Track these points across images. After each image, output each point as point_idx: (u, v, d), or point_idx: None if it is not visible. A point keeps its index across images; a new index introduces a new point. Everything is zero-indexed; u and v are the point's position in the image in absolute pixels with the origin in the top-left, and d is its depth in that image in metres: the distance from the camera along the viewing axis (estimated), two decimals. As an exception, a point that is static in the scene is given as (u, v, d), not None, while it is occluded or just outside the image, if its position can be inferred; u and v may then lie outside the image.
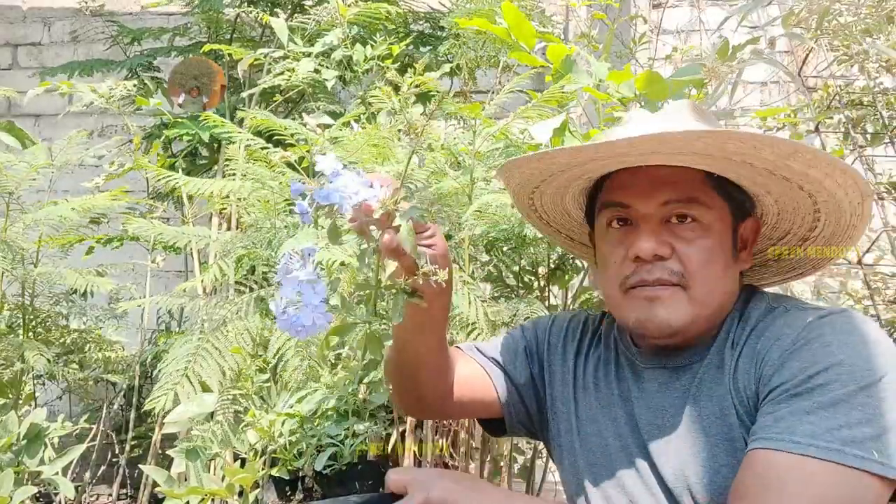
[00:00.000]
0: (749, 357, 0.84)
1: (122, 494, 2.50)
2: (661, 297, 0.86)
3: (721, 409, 0.85)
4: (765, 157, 0.82)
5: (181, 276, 3.03)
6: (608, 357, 1.00)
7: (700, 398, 0.88)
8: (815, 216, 0.91)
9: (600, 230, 0.95)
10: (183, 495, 1.25)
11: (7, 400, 1.89)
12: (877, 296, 1.79)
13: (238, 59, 2.12)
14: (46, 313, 2.16)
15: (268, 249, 1.58)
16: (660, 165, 0.87)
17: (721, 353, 0.88)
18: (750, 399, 0.83)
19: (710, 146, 0.81)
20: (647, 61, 2.41)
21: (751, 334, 0.86)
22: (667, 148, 0.83)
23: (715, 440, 0.85)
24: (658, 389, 0.92)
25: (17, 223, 1.89)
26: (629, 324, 0.90)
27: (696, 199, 0.87)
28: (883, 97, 1.74)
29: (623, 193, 0.90)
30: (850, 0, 1.38)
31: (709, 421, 0.86)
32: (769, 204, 0.93)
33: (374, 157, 1.50)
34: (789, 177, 0.85)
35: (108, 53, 3.08)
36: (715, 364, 0.88)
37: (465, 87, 2.45)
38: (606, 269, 0.93)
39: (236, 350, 1.40)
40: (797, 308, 0.86)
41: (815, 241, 0.96)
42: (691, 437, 0.87)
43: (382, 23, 2.29)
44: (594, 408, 0.98)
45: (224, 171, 2.21)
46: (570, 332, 1.06)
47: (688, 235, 0.87)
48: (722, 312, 0.90)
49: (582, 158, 0.88)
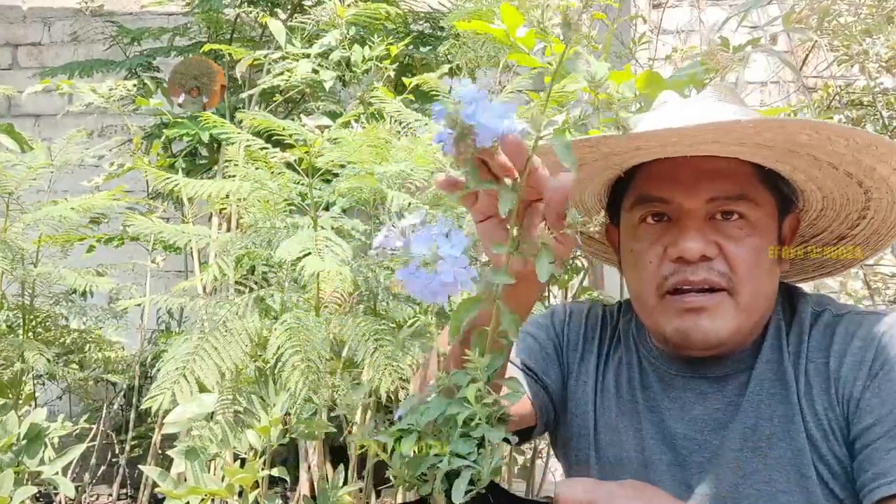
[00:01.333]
0: (821, 376, 0.78)
1: (122, 494, 2.50)
2: (706, 308, 0.78)
3: (786, 431, 0.78)
4: (835, 149, 0.74)
5: (181, 276, 3.03)
6: (630, 359, 0.91)
7: (752, 413, 0.81)
8: (861, 213, 0.85)
9: (629, 226, 0.85)
10: (183, 495, 1.25)
11: (7, 400, 1.88)
12: (877, 296, 1.79)
13: (238, 59, 2.12)
14: (46, 313, 2.16)
15: (267, 249, 1.58)
16: (706, 156, 0.78)
17: (778, 366, 0.81)
18: (834, 425, 0.77)
19: (778, 137, 0.73)
20: (647, 61, 2.40)
21: (811, 346, 0.80)
22: (728, 138, 0.74)
23: (775, 463, 0.78)
24: (696, 401, 0.84)
25: (17, 223, 1.89)
26: (666, 334, 0.81)
27: (745, 196, 0.79)
28: (883, 97, 1.74)
29: (663, 187, 0.81)
30: (850, 0, 1.38)
31: (769, 441, 0.79)
32: (815, 199, 0.86)
33: (373, 157, 1.50)
34: (853, 172, 0.78)
35: (108, 53, 3.08)
36: (770, 377, 0.81)
37: (465, 87, 2.44)
38: (639, 270, 0.83)
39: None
40: (853, 314, 0.81)
41: (852, 239, 0.89)
42: (742, 456, 0.80)
43: (382, 23, 2.29)
44: (613, 414, 0.90)
45: (224, 172, 2.21)
46: (590, 328, 0.96)
47: (736, 234, 0.79)
48: (764, 319, 0.83)
49: (630, 146, 0.77)
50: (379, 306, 1.56)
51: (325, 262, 1.27)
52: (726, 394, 0.83)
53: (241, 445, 1.33)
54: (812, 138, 0.72)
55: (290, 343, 1.35)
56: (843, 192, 0.83)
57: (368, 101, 1.78)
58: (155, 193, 2.63)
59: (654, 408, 0.87)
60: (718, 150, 0.77)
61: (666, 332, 0.81)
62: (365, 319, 1.42)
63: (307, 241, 1.34)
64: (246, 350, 1.38)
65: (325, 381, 1.37)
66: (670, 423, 0.85)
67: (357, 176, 1.46)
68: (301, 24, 2.27)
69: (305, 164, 1.49)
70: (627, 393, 0.90)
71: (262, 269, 1.78)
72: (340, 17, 1.95)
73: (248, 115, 1.52)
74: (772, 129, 0.72)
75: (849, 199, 0.84)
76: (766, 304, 0.82)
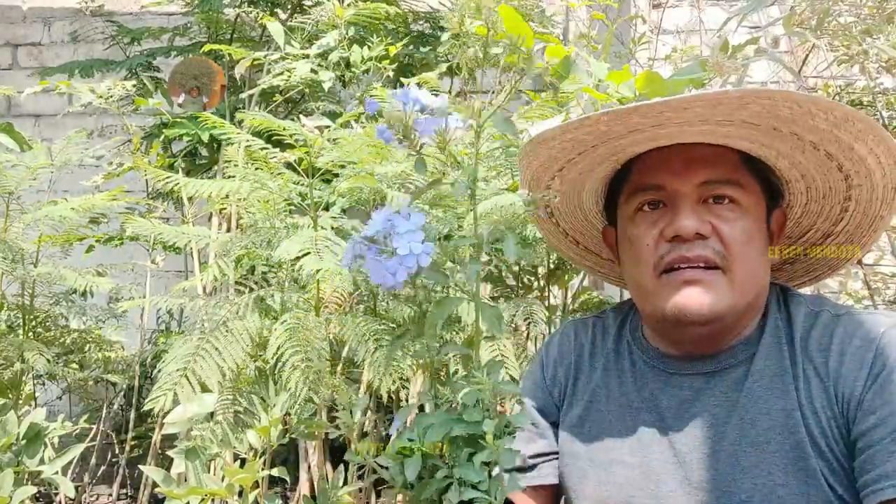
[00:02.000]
0: (820, 375, 0.79)
1: (122, 494, 2.50)
2: (702, 280, 0.81)
3: (785, 425, 0.79)
4: (816, 124, 0.78)
5: (181, 276, 3.03)
6: (620, 365, 0.93)
7: (751, 408, 0.82)
8: (843, 206, 0.88)
9: (627, 218, 0.89)
10: (183, 495, 1.25)
11: (7, 400, 1.88)
12: (877, 296, 1.79)
13: (238, 60, 2.13)
14: (46, 313, 2.16)
15: (267, 249, 1.58)
16: (695, 145, 0.83)
17: (777, 363, 0.82)
18: (833, 423, 0.78)
19: (764, 110, 0.76)
20: (647, 61, 2.40)
21: (810, 345, 0.82)
22: (717, 111, 0.77)
23: (773, 457, 0.79)
24: (695, 397, 0.85)
25: (17, 223, 1.89)
26: (665, 311, 0.83)
27: (734, 180, 0.84)
28: (883, 97, 1.74)
29: (657, 174, 0.85)
30: (850, 1, 1.38)
31: (766, 435, 0.80)
32: (798, 192, 0.90)
33: (373, 157, 1.50)
34: (833, 153, 0.82)
35: (108, 53, 3.08)
36: (769, 374, 0.82)
37: (465, 87, 2.45)
38: (637, 254, 0.86)
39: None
40: (851, 314, 0.82)
41: (837, 236, 0.92)
42: (741, 450, 0.81)
43: (382, 23, 2.29)
44: (612, 418, 0.91)
45: (224, 172, 2.21)
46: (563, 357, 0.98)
47: (728, 215, 0.83)
48: (757, 305, 0.85)
49: (627, 123, 0.80)
50: (379, 306, 1.56)
51: (325, 262, 1.27)
52: (723, 388, 0.84)
53: (242, 445, 1.33)
54: (794, 111, 0.76)
55: (290, 343, 1.35)
56: (825, 178, 0.86)
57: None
58: (155, 193, 2.64)
59: (653, 407, 0.88)
60: (709, 134, 0.81)
61: (665, 309, 0.83)
62: (365, 319, 1.42)
63: (307, 241, 1.34)
64: (247, 350, 1.38)
65: (325, 381, 1.37)
66: (670, 422, 0.86)
67: (357, 176, 1.47)
68: (301, 24, 2.27)
69: (305, 165, 1.49)
70: (621, 396, 0.91)
71: (262, 269, 1.78)
72: (339, 17, 1.95)
73: (248, 115, 1.52)
74: (758, 98, 0.75)
75: (831, 188, 0.87)
76: (758, 287, 0.85)
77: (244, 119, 1.55)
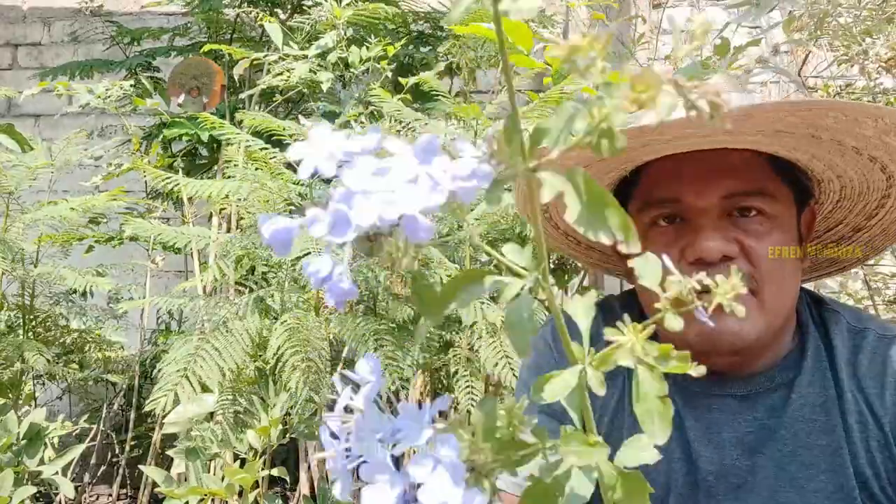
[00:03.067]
0: (875, 409, 0.72)
1: (122, 494, 2.50)
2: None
3: (831, 464, 0.72)
4: (862, 132, 0.67)
5: (181, 276, 3.03)
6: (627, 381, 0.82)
7: (790, 440, 0.74)
8: (880, 202, 0.79)
9: (640, 232, 0.77)
10: (183, 495, 1.25)
11: (7, 400, 1.89)
12: (877, 296, 1.79)
13: (238, 59, 2.13)
14: (46, 313, 2.16)
15: (267, 249, 1.58)
16: (715, 150, 0.71)
17: (821, 391, 0.74)
18: (890, 465, 0.71)
19: (804, 121, 0.66)
20: (647, 61, 2.40)
21: (859, 374, 0.73)
22: (746, 126, 0.66)
23: (813, 497, 0.72)
24: (725, 421, 0.76)
25: (17, 223, 1.89)
26: (689, 342, 0.71)
27: (763, 191, 0.72)
28: (883, 97, 1.74)
29: (672, 187, 0.74)
30: (850, 2, 1.38)
31: (806, 473, 0.72)
32: (832, 191, 0.80)
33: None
34: (877, 156, 0.71)
35: (108, 53, 3.08)
36: (812, 403, 0.74)
37: (466, 87, 2.45)
38: None
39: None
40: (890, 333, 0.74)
41: (869, 230, 0.82)
42: (778, 485, 0.73)
43: (382, 23, 2.29)
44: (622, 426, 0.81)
45: (223, 172, 2.21)
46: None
47: (756, 229, 0.72)
48: (791, 320, 0.77)
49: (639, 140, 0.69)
50: (379, 306, 1.56)
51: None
52: (757, 415, 0.76)
53: (242, 445, 1.33)
54: (839, 121, 0.66)
55: (289, 343, 1.35)
56: (864, 178, 0.77)
57: (367, 101, 1.78)
58: (154, 193, 2.64)
59: (676, 426, 0.77)
60: (731, 142, 0.70)
61: (689, 340, 0.71)
62: (365, 319, 1.42)
63: (307, 241, 1.34)
64: (247, 350, 1.38)
65: (325, 381, 1.37)
66: (695, 445, 0.77)
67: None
68: (300, 24, 2.27)
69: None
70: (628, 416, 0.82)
71: (262, 269, 1.78)
72: (338, 17, 1.95)
73: (247, 115, 1.52)
74: (797, 111, 0.65)
75: (869, 186, 0.78)
76: (790, 304, 0.76)
77: (244, 119, 1.55)
